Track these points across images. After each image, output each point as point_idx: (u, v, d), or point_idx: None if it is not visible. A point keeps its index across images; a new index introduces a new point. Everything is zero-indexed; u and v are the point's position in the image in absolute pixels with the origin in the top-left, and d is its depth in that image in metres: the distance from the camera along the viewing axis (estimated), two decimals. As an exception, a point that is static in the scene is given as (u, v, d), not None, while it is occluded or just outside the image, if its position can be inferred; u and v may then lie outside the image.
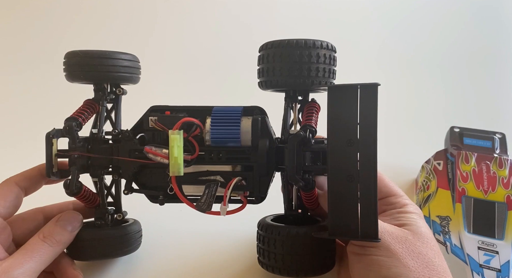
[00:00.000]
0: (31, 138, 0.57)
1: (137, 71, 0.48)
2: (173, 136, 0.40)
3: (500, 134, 0.66)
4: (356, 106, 0.36)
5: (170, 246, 0.53)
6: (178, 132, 0.40)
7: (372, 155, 0.35)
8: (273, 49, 0.41)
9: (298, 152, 0.40)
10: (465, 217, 0.53)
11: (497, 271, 0.48)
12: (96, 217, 0.47)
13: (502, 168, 0.58)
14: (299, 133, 0.40)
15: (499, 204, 0.54)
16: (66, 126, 0.44)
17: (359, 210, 0.36)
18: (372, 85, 0.35)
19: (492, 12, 0.95)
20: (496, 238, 0.51)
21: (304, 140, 0.40)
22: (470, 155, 0.60)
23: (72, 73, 0.46)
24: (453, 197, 0.56)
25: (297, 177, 0.40)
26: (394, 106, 0.82)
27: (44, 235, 0.42)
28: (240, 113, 0.43)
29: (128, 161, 0.44)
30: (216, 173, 0.43)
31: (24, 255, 0.40)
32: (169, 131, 0.41)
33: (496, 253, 0.49)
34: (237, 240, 0.54)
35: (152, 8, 0.92)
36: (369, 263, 0.36)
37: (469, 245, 0.50)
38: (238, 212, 0.43)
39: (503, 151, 0.63)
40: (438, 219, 0.54)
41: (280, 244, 0.41)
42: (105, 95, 0.47)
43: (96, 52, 0.45)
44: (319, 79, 0.41)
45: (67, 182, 0.44)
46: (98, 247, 0.45)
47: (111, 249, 0.46)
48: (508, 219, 0.53)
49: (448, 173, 0.59)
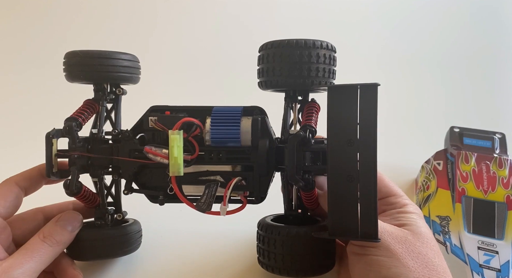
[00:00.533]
0: (31, 138, 0.57)
1: (137, 71, 0.48)
2: (173, 136, 0.40)
3: (500, 134, 0.66)
4: (356, 106, 0.36)
5: (170, 246, 0.53)
6: (178, 132, 0.41)
7: (372, 155, 0.35)
8: (273, 49, 0.41)
9: (298, 152, 0.40)
10: (465, 217, 0.53)
11: (497, 271, 0.48)
12: (96, 217, 0.47)
13: (502, 168, 0.58)
14: (299, 133, 0.40)
15: (499, 204, 0.54)
16: (66, 126, 0.44)
17: (359, 210, 0.36)
18: (372, 85, 0.35)
19: (492, 12, 0.95)
20: (496, 238, 0.51)
21: (304, 140, 0.40)
22: (470, 155, 0.60)
23: (72, 73, 0.46)
24: (453, 197, 0.56)
25: (297, 177, 0.40)
26: (394, 106, 0.82)
27: (44, 235, 0.42)
28: (240, 113, 0.43)
29: (128, 161, 0.44)
30: (216, 173, 0.43)
31: (24, 255, 0.40)
32: (169, 131, 0.41)
33: (496, 253, 0.49)
34: (237, 240, 0.54)
35: (153, 8, 0.92)
36: (369, 263, 0.36)
37: (469, 245, 0.50)
38: (238, 212, 0.43)
39: (503, 151, 0.63)
40: (438, 219, 0.54)
41: (280, 244, 0.41)
42: (105, 95, 0.47)
43: (95, 52, 0.45)
44: (319, 79, 0.41)
45: (67, 182, 0.44)
46: (98, 247, 0.45)
47: (111, 249, 0.46)
48: (508, 219, 0.53)
49: (448, 173, 0.59)
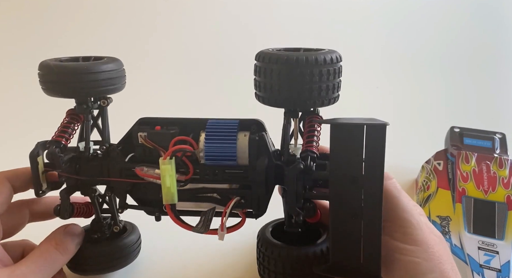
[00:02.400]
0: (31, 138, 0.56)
1: (121, 80, 0.44)
2: (164, 166, 0.38)
3: (500, 134, 0.66)
4: (361, 145, 0.34)
5: (168, 249, 0.53)
6: (169, 162, 0.38)
7: (377, 194, 0.34)
8: (271, 64, 0.37)
9: (298, 182, 0.37)
10: (465, 217, 0.53)
11: (497, 271, 0.48)
12: (93, 230, 0.46)
13: (502, 168, 0.58)
14: (299, 167, 0.37)
15: (499, 204, 0.54)
16: (49, 153, 0.41)
17: (362, 248, 0.35)
18: (380, 125, 0.33)
19: (492, 12, 0.95)
20: (496, 238, 0.51)
21: (305, 170, 0.38)
22: (470, 155, 0.60)
23: (48, 89, 0.42)
24: (453, 197, 0.56)
25: (297, 210, 0.38)
26: (394, 106, 0.82)
27: (56, 243, 0.41)
28: (237, 128, 0.40)
29: (120, 181, 0.42)
30: (213, 191, 0.41)
31: (37, 263, 0.39)
32: (160, 161, 0.38)
33: (496, 253, 0.49)
34: (236, 246, 0.53)
35: (151, 9, 0.92)
36: (406, 265, 0.35)
37: (469, 245, 0.50)
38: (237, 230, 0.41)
39: (503, 151, 0.63)
40: (438, 219, 0.54)
41: (280, 265, 0.40)
42: (89, 107, 0.43)
43: (71, 67, 0.40)
44: (321, 99, 0.37)
45: (57, 208, 0.42)
46: (97, 263, 0.45)
47: (109, 265, 0.45)
48: (508, 219, 0.53)
49: (448, 173, 0.59)
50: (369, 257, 0.34)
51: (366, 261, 0.34)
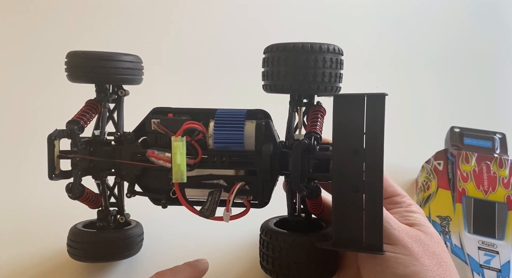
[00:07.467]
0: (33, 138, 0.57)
1: (140, 73, 0.48)
2: (175, 143, 0.40)
3: (500, 134, 0.66)
4: (362, 116, 0.35)
5: (171, 247, 0.53)
6: (180, 139, 0.40)
7: (378, 166, 0.35)
8: (278, 52, 0.40)
9: (302, 159, 0.39)
10: (466, 217, 0.53)
11: (497, 271, 0.48)
12: (98, 219, 0.47)
13: (502, 168, 0.58)
14: (303, 141, 0.39)
15: (499, 204, 0.54)
16: (68, 130, 0.44)
17: (364, 221, 0.35)
18: (379, 95, 0.34)
19: (492, 11, 0.95)
20: (496, 238, 0.51)
21: (309, 147, 0.40)
22: (470, 155, 0.60)
23: (73, 73, 0.45)
24: (453, 197, 0.56)
25: (301, 186, 0.39)
26: (394, 106, 0.81)
27: None
28: (244, 116, 0.42)
29: (130, 164, 0.44)
30: (219, 177, 0.43)
31: None
32: (172, 138, 0.40)
33: (496, 253, 0.49)
34: (239, 241, 0.53)
35: (156, 7, 0.92)
36: (385, 260, 0.36)
37: (470, 245, 0.50)
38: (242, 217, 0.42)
39: (503, 151, 0.63)
40: (439, 219, 0.54)
41: (285, 252, 0.41)
42: (107, 96, 0.47)
43: (97, 54, 0.44)
44: (325, 85, 0.40)
45: (69, 186, 0.44)
46: (99, 249, 0.45)
47: (111, 253, 0.46)
48: (508, 219, 0.53)
49: (448, 173, 0.59)
50: (371, 229, 0.35)
51: (368, 233, 0.35)
